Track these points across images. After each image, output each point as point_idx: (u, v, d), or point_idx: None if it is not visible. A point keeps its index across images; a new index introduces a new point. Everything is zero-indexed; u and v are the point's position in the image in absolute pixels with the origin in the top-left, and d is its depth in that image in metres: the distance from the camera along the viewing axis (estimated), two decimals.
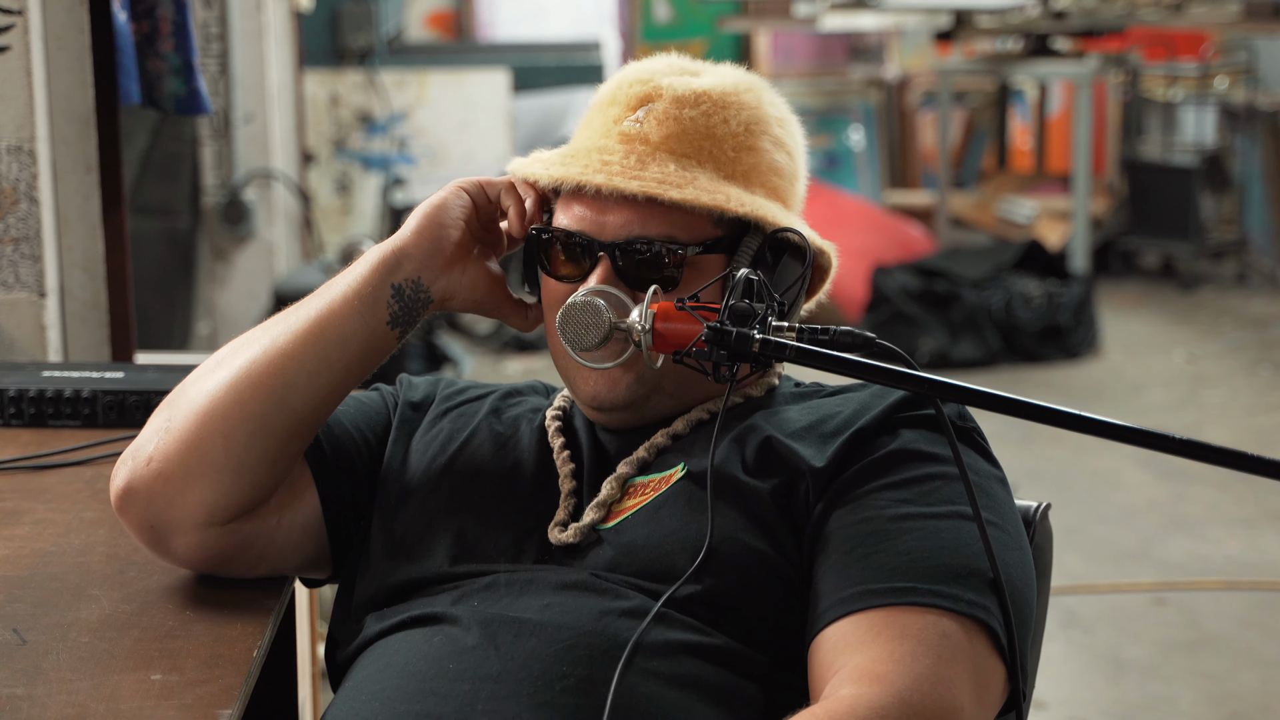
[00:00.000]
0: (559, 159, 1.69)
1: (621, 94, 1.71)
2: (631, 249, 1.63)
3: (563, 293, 1.67)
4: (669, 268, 1.64)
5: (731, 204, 1.63)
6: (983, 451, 1.63)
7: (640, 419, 1.69)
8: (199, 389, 1.66)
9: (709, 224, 1.65)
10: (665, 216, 1.63)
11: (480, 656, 1.51)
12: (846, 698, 1.41)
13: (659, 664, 1.49)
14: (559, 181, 1.66)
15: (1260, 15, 7.74)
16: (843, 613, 1.48)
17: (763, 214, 1.65)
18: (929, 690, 1.42)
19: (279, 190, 5.66)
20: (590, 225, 1.65)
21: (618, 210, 1.64)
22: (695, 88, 1.68)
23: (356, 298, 1.66)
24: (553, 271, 1.69)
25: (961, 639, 1.46)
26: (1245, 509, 4.97)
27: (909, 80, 9.38)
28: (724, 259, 1.66)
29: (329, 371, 1.65)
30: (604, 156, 1.66)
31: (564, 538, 1.61)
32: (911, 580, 1.48)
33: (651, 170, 1.64)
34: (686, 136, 1.67)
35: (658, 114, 1.67)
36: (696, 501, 1.58)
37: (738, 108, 1.69)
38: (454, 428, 1.75)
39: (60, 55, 2.77)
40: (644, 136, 1.67)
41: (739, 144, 1.68)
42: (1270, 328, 7.34)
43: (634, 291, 1.63)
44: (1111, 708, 3.72)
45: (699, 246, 1.64)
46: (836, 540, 1.53)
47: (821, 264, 1.74)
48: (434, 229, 1.68)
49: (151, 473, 1.64)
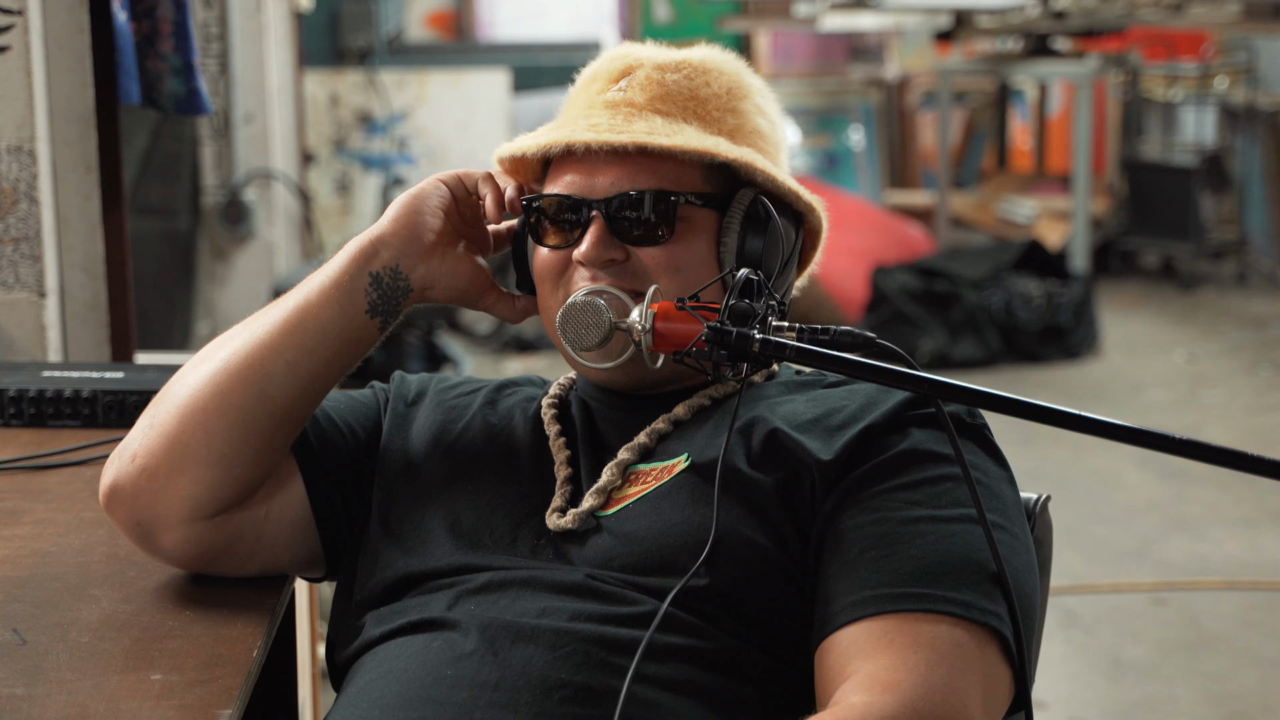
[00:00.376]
0: (544, 132, 1.69)
1: (602, 69, 1.73)
2: (623, 204, 1.63)
3: (556, 262, 1.67)
4: (663, 221, 1.64)
5: (722, 149, 1.64)
6: (991, 450, 1.62)
7: (655, 382, 1.68)
8: (181, 385, 1.67)
9: (699, 178, 1.66)
10: (655, 169, 1.64)
11: (478, 664, 1.50)
12: (858, 705, 1.40)
13: (656, 669, 1.49)
14: (546, 147, 1.67)
15: (1260, 15, 7.74)
16: (855, 616, 1.47)
17: (752, 160, 1.65)
18: (940, 700, 1.41)
19: (279, 190, 5.66)
20: (580, 188, 1.66)
21: (607, 169, 1.65)
22: (676, 57, 1.71)
23: (334, 287, 1.66)
24: (544, 241, 1.68)
25: (973, 648, 1.46)
26: (1245, 509, 4.97)
27: (909, 80, 9.38)
28: (716, 216, 1.66)
29: (309, 361, 1.65)
30: (590, 120, 1.66)
31: (562, 524, 1.61)
32: (924, 586, 1.47)
33: (638, 125, 1.65)
34: (671, 97, 1.68)
35: (640, 80, 1.69)
36: (700, 494, 1.58)
37: (718, 73, 1.71)
38: (448, 420, 1.75)
39: (60, 55, 2.77)
40: (629, 100, 1.68)
41: (722, 105, 1.69)
42: (1270, 328, 7.34)
43: (627, 246, 1.63)
44: (1111, 708, 3.72)
45: (694, 196, 1.64)
46: (847, 541, 1.52)
47: (813, 225, 1.74)
48: (411, 217, 1.68)
49: (136, 469, 1.64)
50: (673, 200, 1.63)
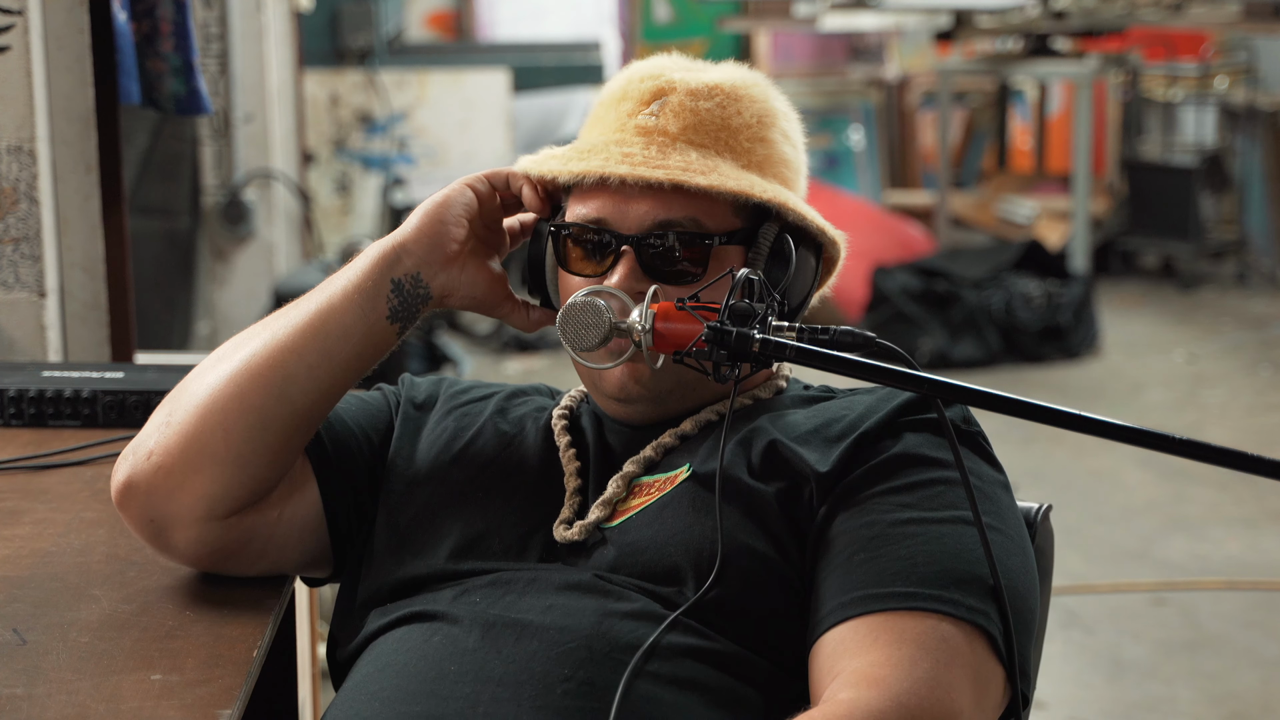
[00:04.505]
0: (575, 154, 1.68)
1: (633, 89, 1.71)
2: (657, 241, 1.63)
3: (582, 286, 1.66)
4: (694, 259, 1.64)
5: (755, 190, 1.63)
6: (986, 456, 1.62)
7: (663, 412, 1.68)
8: (200, 383, 1.66)
9: (730, 213, 1.66)
10: (689, 205, 1.64)
11: (482, 658, 1.51)
12: (844, 701, 1.41)
13: (659, 666, 1.49)
14: (580, 176, 1.66)
15: (1260, 15, 7.74)
16: (843, 617, 1.48)
17: (785, 200, 1.65)
18: (927, 694, 1.42)
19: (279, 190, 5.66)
20: (612, 215, 1.65)
21: (640, 201, 1.64)
22: (707, 81, 1.69)
23: (357, 292, 1.66)
24: (570, 266, 1.68)
25: (961, 644, 1.46)
26: (1245, 509, 4.97)
27: (909, 80, 9.38)
28: (742, 250, 1.66)
29: (329, 365, 1.65)
30: (624, 149, 1.65)
31: (569, 535, 1.61)
32: (912, 585, 1.48)
33: (674, 159, 1.64)
34: (704, 127, 1.67)
35: (673, 106, 1.68)
36: (700, 503, 1.58)
37: (749, 100, 1.70)
38: (459, 425, 1.75)
39: (60, 55, 2.77)
40: (662, 129, 1.67)
41: (753, 135, 1.69)
42: (1270, 328, 7.34)
43: (660, 285, 1.62)
44: (1111, 708, 3.72)
45: (723, 237, 1.64)
46: (838, 544, 1.53)
47: (831, 255, 1.74)
48: (436, 225, 1.68)
49: (152, 467, 1.64)
50: (707, 243, 1.64)
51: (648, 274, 1.64)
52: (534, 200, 1.69)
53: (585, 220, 1.66)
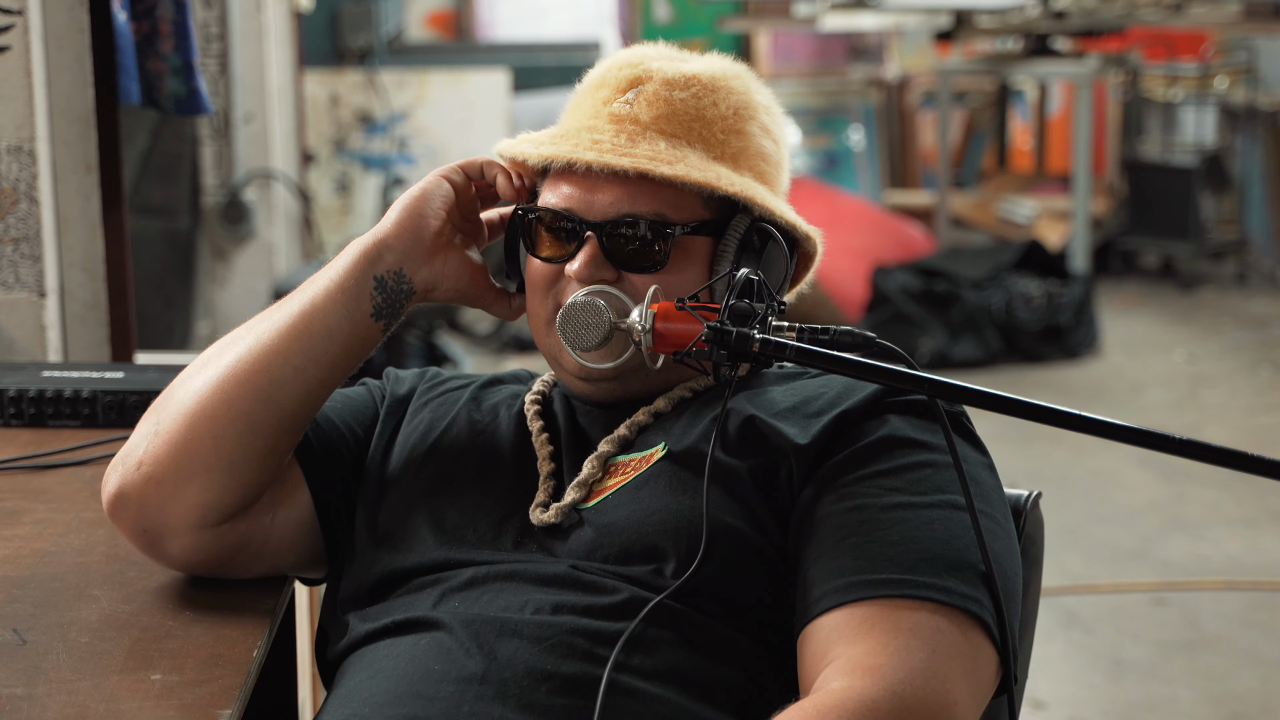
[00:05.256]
0: (547, 139, 1.69)
1: (611, 76, 1.71)
2: (619, 229, 1.63)
3: (547, 273, 1.67)
4: (657, 249, 1.64)
5: (722, 182, 1.63)
6: (969, 437, 1.62)
7: (625, 391, 1.68)
8: (186, 390, 1.66)
9: (698, 204, 1.65)
10: (655, 195, 1.64)
11: (465, 658, 1.50)
12: (837, 690, 1.41)
13: (639, 659, 1.49)
14: (548, 160, 1.66)
15: (1260, 15, 7.74)
16: (835, 603, 1.48)
17: (752, 195, 1.65)
18: (921, 684, 1.42)
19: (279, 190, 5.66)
20: (578, 204, 1.65)
21: (607, 189, 1.64)
22: (685, 71, 1.69)
23: (340, 291, 1.66)
24: (537, 251, 1.68)
25: (955, 633, 1.46)
26: (1245, 509, 4.97)
27: (909, 80, 9.38)
28: (711, 242, 1.66)
29: (315, 366, 1.65)
30: (594, 135, 1.66)
31: (545, 518, 1.61)
32: (905, 572, 1.48)
33: (642, 148, 1.64)
34: (677, 117, 1.67)
35: (648, 95, 1.68)
36: (679, 482, 1.58)
37: (727, 92, 1.70)
38: (434, 416, 1.75)
39: (60, 55, 2.77)
40: (634, 117, 1.67)
41: (728, 127, 1.68)
42: (1270, 328, 7.34)
43: (620, 272, 1.63)
44: (1111, 708, 3.72)
45: (688, 227, 1.64)
46: (827, 528, 1.53)
47: (807, 250, 1.74)
48: (415, 219, 1.68)
49: (142, 477, 1.64)
50: (669, 232, 1.64)
51: (610, 261, 1.64)
52: (508, 188, 1.69)
53: (553, 207, 1.66)
